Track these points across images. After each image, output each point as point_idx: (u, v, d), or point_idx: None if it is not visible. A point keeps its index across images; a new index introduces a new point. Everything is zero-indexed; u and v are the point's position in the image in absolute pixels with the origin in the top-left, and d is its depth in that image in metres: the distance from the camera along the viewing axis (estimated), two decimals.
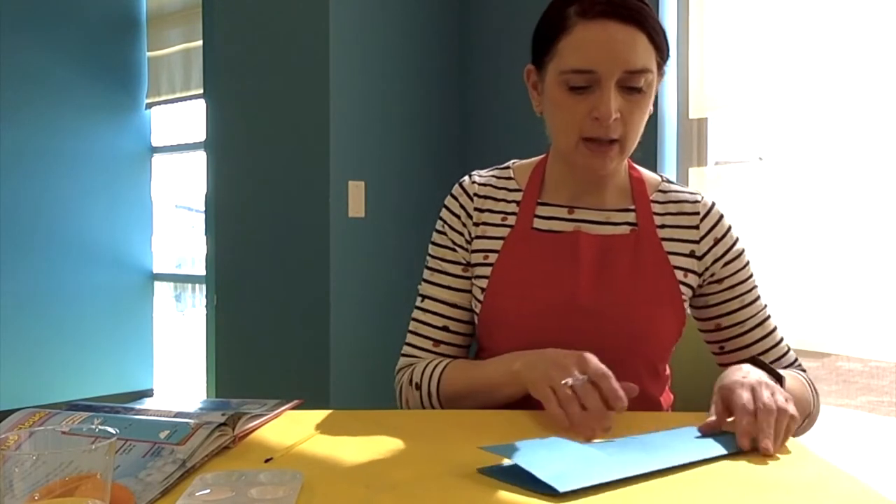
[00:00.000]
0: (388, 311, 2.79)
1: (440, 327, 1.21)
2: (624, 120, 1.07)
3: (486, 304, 1.16)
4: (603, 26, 1.04)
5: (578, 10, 1.06)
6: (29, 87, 4.12)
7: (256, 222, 2.98)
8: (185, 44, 4.32)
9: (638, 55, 1.05)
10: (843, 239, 2.10)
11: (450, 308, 1.21)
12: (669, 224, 1.18)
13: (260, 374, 2.99)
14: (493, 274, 1.16)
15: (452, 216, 1.23)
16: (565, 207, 1.19)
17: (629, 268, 1.13)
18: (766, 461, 0.84)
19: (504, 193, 1.22)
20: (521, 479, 0.75)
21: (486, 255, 1.19)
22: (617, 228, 1.17)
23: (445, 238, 1.22)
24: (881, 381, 4.10)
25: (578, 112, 1.07)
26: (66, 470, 0.60)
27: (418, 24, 2.95)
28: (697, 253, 1.17)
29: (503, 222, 1.19)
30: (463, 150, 3.04)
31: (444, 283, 1.22)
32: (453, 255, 1.22)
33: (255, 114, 2.98)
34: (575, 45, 1.06)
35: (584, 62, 1.05)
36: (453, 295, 1.21)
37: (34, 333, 4.14)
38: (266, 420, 0.97)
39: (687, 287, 1.16)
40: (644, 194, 1.19)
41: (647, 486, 0.77)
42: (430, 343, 1.21)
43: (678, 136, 2.48)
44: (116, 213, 4.47)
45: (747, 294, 1.19)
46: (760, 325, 1.19)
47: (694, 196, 1.20)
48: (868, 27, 2.04)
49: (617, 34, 1.04)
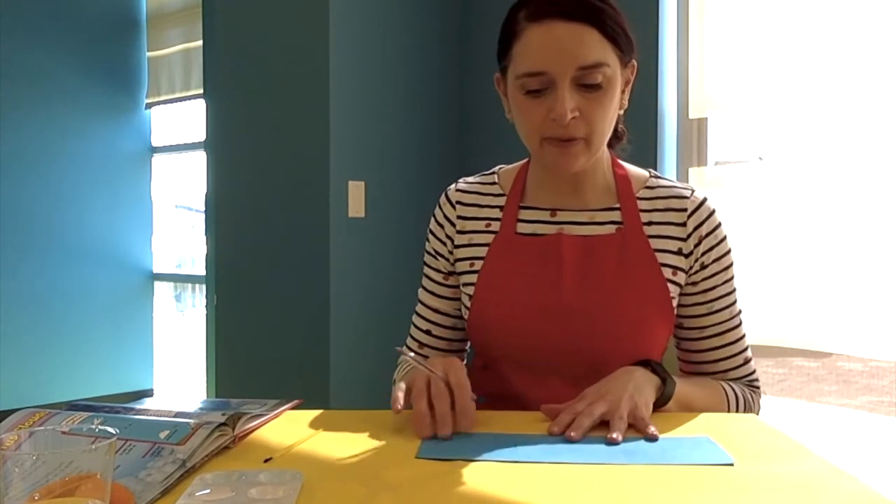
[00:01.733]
0: (388, 311, 2.79)
1: (424, 331, 1.27)
2: (585, 117, 1.06)
3: (473, 311, 1.17)
4: (549, 27, 1.04)
5: (526, 13, 1.07)
6: (29, 87, 4.12)
7: (256, 222, 2.98)
8: (185, 44, 4.32)
9: (588, 51, 1.04)
10: (843, 239, 2.10)
11: (433, 313, 1.26)
12: (657, 221, 1.16)
13: (260, 374, 2.99)
14: (479, 280, 1.17)
15: (437, 225, 1.25)
16: (548, 210, 1.19)
17: (615, 267, 1.13)
18: (766, 461, 0.84)
19: (489, 199, 1.23)
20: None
21: (472, 262, 1.20)
22: (601, 228, 1.16)
23: (430, 246, 1.27)
24: (881, 381, 4.09)
25: (538, 114, 1.08)
26: (66, 470, 0.60)
27: (418, 24, 2.95)
28: (685, 250, 1.15)
29: (487, 228, 1.20)
30: (463, 150, 3.04)
31: (430, 288, 1.27)
32: (435, 262, 1.26)
33: (255, 114, 2.98)
34: (525, 49, 1.06)
35: (534, 65, 1.05)
36: (436, 301, 1.26)
37: (34, 333, 4.14)
38: (266, 420, 0.97)
39: (675, 285, 1.15)
40: (629, 192, 1.18)
41: (646, 487, 0.77)
42: (416, 345, 1.27)
43: (678, 136, 2.48)
44: (116, 213, 4.47)
45: (716, 301, 1.17)
46: (720, 334, 1.18)
47: (684, 192, 1.18)
48: (868, 27, 2.04)
49: (564, 33, 1.04)
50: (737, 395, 1.16)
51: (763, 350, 2.17)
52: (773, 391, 3.54)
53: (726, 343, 1.18)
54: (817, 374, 4.28)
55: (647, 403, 0.98)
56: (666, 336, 1.17)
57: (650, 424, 0.93)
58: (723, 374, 1.19)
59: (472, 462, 0.82)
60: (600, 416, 0.94)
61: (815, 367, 4.27)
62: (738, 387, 1.18)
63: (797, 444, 0.90)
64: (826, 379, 3.80)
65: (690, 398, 1.08)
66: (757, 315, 2.18)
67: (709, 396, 1.13)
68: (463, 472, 0.80)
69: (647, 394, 1.00)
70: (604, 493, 0.75)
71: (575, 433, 0.91)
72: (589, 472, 0.81)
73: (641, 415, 0.95)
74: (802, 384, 4.31)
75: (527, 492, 0.74)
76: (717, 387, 1.16)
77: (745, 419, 1.08)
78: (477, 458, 0.83)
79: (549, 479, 0.78)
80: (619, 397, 0.96)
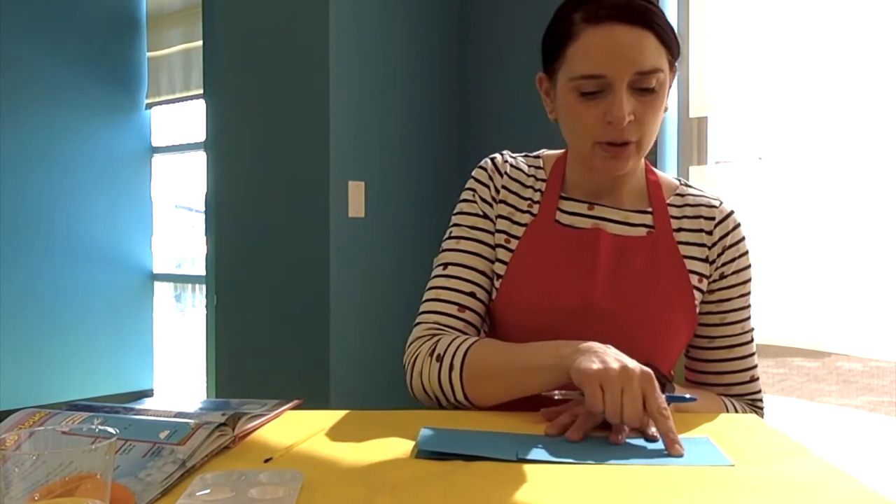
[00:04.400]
0: (388, 311, 2.79)
1: (467, 293, 1.16)
2: (639, 121, 1.07)
3: (502, 293, 1.16)
4: (609, 30, 1.04)
5: (584, 16, 1.06)
6: (29, 87, 4.12)
7: (256, 222, 2.98)
8: (185, 44, 4.32)
9: (647, 56, 1.04)
10: (843, 238, 2.10)
11: (478, 275, 1.17)
12: (686, 228, 1.17)
13: (260, 374, 2.99)
14: (511, 261, 1.16)
15: (483, 186, 1.21)
16: (585, 203, 1.19)
17: (645, 270, 1.13)
18: (766, 461, 0.84)
19: (532, 181, 1.21)
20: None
21: (508, 239, 1.18)
22: (634, 230, 1.17)
23: (475, 206, 1.21)
24: (881, 381, 4.09)
25: (592, 117, 1.07)
26: (66, 470, 0.60)
27: (418, 24, 2.95)
28: (709, 258, 1.17)
29: (528, 209, 1.19)
30: (463, 150, 3.04)
31: (474, 250, 1.18)
32: (484, 222, 1.20)
33: (255, 114, 2.98)
34: (583, 52, 1.06)
35: (593, 67, 1.05)
36: (482, 262, 1.18)
37: (34, 333, 4.14)
38: (266, 420, 0.97)
39: (699, 292, 1.16)
40: (661, 197, 1.19)
41: (646, 487, 0.77)
42: (454, 308, 1.15)
43: (678, 135, 2.49)
44: (116, 213, 4.47)
45: (730, 314, 1.18)
46: (729, 347, 1.18)
47: (713, 201, 1.20)
48: (868, 27, 2.04)
49: (624, 37, 1.04)
50: (737, 410, 1.16)
51: (763, 350, 2.17)
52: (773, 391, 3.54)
53: (734, 357, 1.18)
54: (817, 373, 4.28)
55: None
56: (685, 342, 1.18)
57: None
58: (727, 388, 1.19)
59: (472, 462, 0.82)
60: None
61: (815, 367, 4.27)
62: (741, 404, 1.18)
63: (797, 444, 0.90)
64: (826, 379, 3.80)
65: (689, 407, 1.08)
66: (757, 315, 2.18)
67: (707, 407, 1.13)
68: (463, 472, 0.80)
69: None
70: (604, 493, 0.75)
71: (575, 434, 0.91)
72: (589, 472, 0.81)
73: None
74: (802, 384, 4.31)
75: (527, 492, 0.74)
76: (717, 400, 1.16)
77: (746, 419, 1.08)
78: (477, 458, 0.83)
79: (549, 479, 0.78)
80: None
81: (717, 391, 1.19)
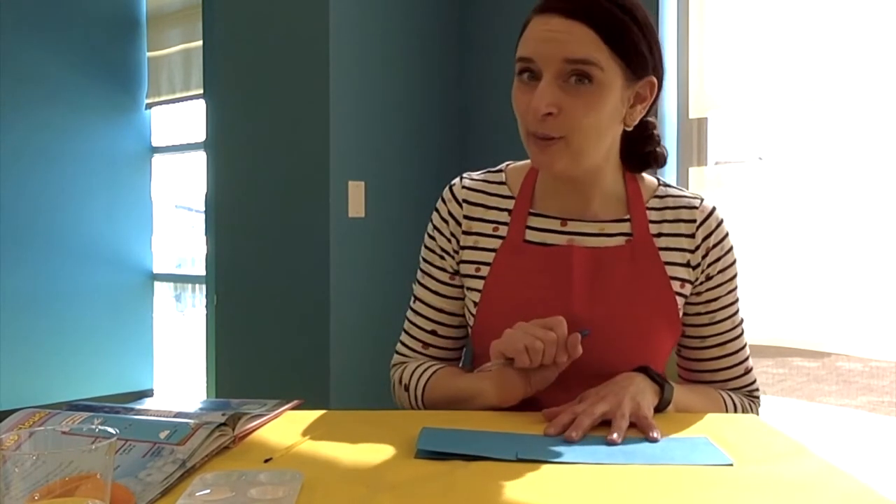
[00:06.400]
0: (388, 311, 2.78)
1: (429, 331, 1.22)
2: (566, 115, 1.03)
3: (479, 320, 1.15)
4: (547, 19, 1.04)
5: (534, 8, 1.07)
6: (29, 87, 4.11)
7: (256, 222, 2.98)
8: (185, 44, 4.31)
9: (577, 45, 1.02)
10: (842, 238, 2.10)
11: (438, 313, 1.21)
12: (666, 232, 1.15)
13: (260, 374, 2.98)
14: (485, 288, 1.15)
15: (442, 222, 1.20)
16: (558, 219, 1.15)
17: (624, 281, 1.11)
18: (766, 461, 0.84)
19: (496, 201, 1.18)
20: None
21: (478, 267, 1.16)
22: (611, 240, 1.14)
23: (434, 244, 1.21)
24: (881, 381, 4.09)
25: (523, 104, 1.06)
26: (66, 470, 0.60)
27: (418, 24, 2.95)
28: (692, 263, 1.14)
29: (494, 233, 1.17)
30: (463, 150, 3.04)
31: (433, 288, 1.21)
32: (441, 262, 1.20)
33: (255, 114, 2.98)
34: (524, 38, 1.07)
35: (524, 51, 1.05)
36: (442, 301, 1.21)
37: (34, 333, 4.14)
38: (266, 420, 0.97)
39: (682, 297, 1.14)
40: (640, 203, 1.15)
41: (646, 487, 0.77)
42: (419, 345, 1.23)
43: (678, 136, 2.48)
44: (116, 213, 4.47)
45: (719, 311, 1.17)
46: (721, 344, 1.18)
47: (693, 201, 1.17)
48: (868, 27, 2.04)
49: (557, 26, 1.03)
50: (735, 404, 1.16)
51: (763, 350, 2.17)
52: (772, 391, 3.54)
53: (727, 353, 1.18)
54: (817, 374, 4.28)
55: (648, 405, 0.98)
56: (670, 347, 1.17)
57: (654, 425, 0.93)
58: (722, 384, 1.19)
59: (472, 462, 0.82)
60: (601, 415, 0.94)
61: (814, 367, 4.27)
62: (738, 396, 1.18)
63: (797, 444, 0.90)
64: (826, 379, 3.81)
65: (688, 405, 1.08)
66: (757, 315, 2.18)
67: (707, 404, 1.13)
68: (463, 473, 0.80)
69: (648, 397, 1.00)
70: (604, 493, 0.75)
71: (575, 433, 0.91)
72: (589, 472, 0.81)
73: (644, 414, 0.95)
74: (802, 384, 4.31)
75: (527, 492, 0.74)
76: (715, 395, 1.16)
77: (745, 419, 1.09)
78: (477, 458, 0.83)
79: (549, 479, 0.78)
80: (620, 398, 0.96)
81: (712, 386, 1.19)
